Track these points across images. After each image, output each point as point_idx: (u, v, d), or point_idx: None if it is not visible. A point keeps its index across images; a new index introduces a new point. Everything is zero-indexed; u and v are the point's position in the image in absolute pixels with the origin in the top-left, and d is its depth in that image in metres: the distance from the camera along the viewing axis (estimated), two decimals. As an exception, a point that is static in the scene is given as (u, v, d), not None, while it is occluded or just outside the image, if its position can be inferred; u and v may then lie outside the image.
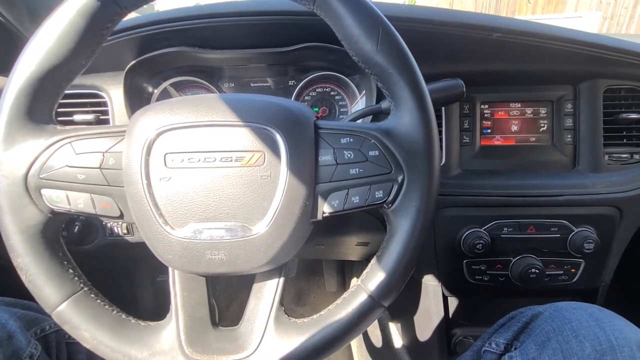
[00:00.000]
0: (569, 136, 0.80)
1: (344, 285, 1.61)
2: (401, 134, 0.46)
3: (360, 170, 0.46)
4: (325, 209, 0.47)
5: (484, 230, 0.76)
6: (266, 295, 0.51)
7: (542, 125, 0.81)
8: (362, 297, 0.46)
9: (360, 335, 1.32)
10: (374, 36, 0.45)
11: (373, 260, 0.48)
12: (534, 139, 0.81)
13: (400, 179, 0.46)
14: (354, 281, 1.37)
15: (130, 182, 0.45)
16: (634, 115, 0.77)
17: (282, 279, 0.51)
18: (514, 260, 0.77)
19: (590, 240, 0.73)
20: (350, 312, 0.46)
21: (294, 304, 1.70)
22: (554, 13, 6.36)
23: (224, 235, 0.45)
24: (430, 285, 0.83)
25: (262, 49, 0.74)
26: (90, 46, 0.46)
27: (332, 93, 0.86)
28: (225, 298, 1.55)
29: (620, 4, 5.55)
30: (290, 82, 0.84)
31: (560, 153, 0.80)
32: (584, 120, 0.78)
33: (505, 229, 0.76)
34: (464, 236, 0.76)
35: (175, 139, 0.45)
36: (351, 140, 0.47)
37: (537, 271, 0.74)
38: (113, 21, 0.46)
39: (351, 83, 0.80)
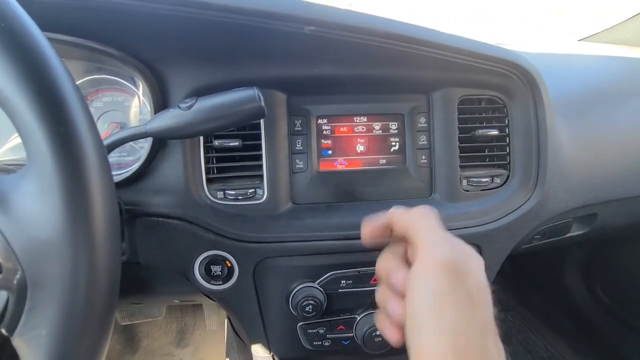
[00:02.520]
0: (424, 157, 0.65)
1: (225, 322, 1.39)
2: (21, 208, 0.25)
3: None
4: None
5: (318, 285, 0.59)
6: None
7: (394, 143, 0.65)
8: None
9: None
10: None
11: None
12: (384, 161, 0.65)
13: (16, 286, 0.25)
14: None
15: None
16: (493, 132, 0.65)
17: None
18: (359, 319, 0.61)
19: (444, 290, 0.58)
20: None
21: (174, 345, 1.44)
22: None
23: None
24: (260, 357, 0.64)
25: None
26: None
27: (125, 103, 0.63)
28: None
29: None
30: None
31: (415, 178, 0.65)
32: (439, 137, 0.64)
33: (344, 281, 0.59)
34: (292, 294, 0.58)
35: None
36: None
37: (383, 333, 0.58)
38: None
39: (131, 86, 0.58)
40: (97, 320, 0.25)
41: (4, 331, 0.25)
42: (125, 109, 0.62)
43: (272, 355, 0.63)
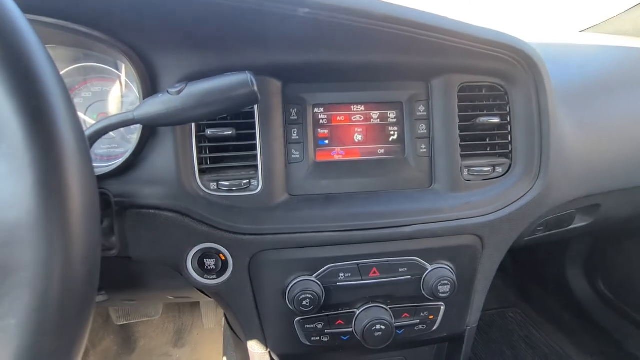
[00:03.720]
0: (423, 146, 0.63)
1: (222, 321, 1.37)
2: None
3: None
4: None
5: (316, 278, 0.57)
6: None
7: (392, 133, 0.64)
8: None
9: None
10: None
11: None
12: (382, 150, 0.63)
13: (-16, 271, 0.23)
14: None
15: None
16: (494, 120, 0.63)
17: None
18: (358, 313, 0.59)
19: (445, 282, 0.57)
20: None
21: (171, 345, 1.42)
22: None
23: None
24: (256, 354, 0.62)
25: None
26: None
27: (115, 93, 0.61)
28: None
29: None
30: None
31: (414, 168, 0.63)
32: (439, 125, 0.62)
33: (342, 274, 0.57)
34: (289, 288, 0.56)
35: None
36: None
37: (382, 327, 0.56)
38: None
39: (114, 70, 0.56)
40: (74, 309, 0.23)
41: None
42: (115, 99, 0.60)
43: (269, 352, 0.61)
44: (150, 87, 0.52)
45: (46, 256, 0.22)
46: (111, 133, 0.60)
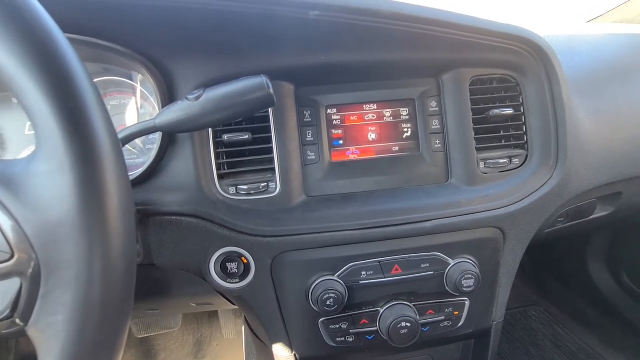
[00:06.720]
0: (438, 141, 0.63)
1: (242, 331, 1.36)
2: (32, 190, 0.24)
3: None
4: None
5: (338, 277, 0.56)
6: None
7: (406, 130, 0.64)
8: None
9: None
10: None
11: None
12: (397, 148, 0.64)
13: (30, 272, 0.23)
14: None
15: None
16: (508, 111, 0.63)
17: None
18: (382, 312, 0.58)
19: (469, 276, 0.56)
20: None
21: (191, 357, 1.42)
22: None
23: None
24: (282, 357, 0.62)
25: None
26: None
27: (133, 105, 0.62)
28: None
29: None
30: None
31: (430, 163, 0.63)
32: (452, 120, 0.62)
33: (364, 272, 0.57)
34: (312, 288, 0.56)
35: None
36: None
37: (408, 325, 0.56)
38: None
39: (134, 83, 0.58)
40: (114, 304, 0.24)
41: (18, 321, 0.24)
42: (133, 111, 0.62)
43: (295, 355, 0.61)
44: (168, 96, 0.53)
45: (88, 253, 0.23)
46: (127, 146, 0.61)
